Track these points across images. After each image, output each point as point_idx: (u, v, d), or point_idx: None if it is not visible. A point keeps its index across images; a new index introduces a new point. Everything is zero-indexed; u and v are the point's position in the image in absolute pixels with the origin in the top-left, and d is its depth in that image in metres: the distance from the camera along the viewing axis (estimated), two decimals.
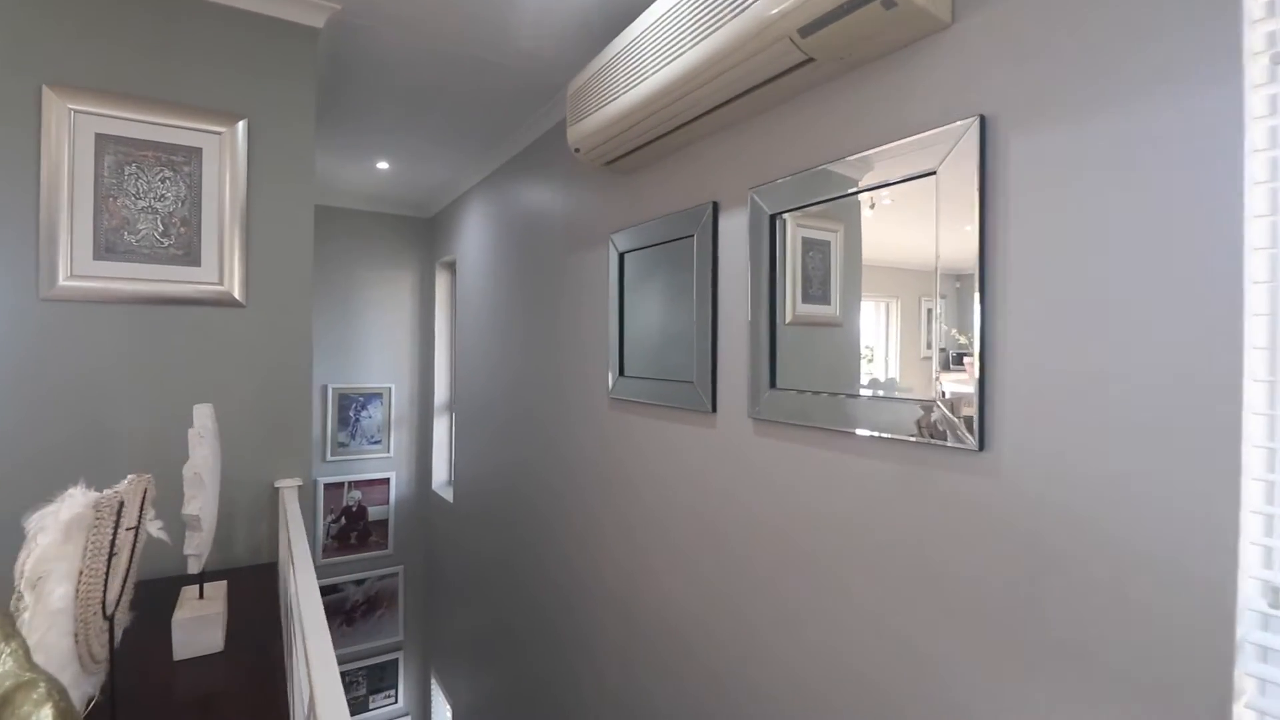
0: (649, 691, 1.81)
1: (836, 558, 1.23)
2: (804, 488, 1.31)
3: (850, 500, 1.21)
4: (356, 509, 4.22)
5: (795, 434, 1.34)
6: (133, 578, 0.93)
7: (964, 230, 1.02)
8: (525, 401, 2.73)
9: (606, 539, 2.04)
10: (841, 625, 1.22)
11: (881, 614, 1.14)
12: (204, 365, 1.65)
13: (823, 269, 1.32)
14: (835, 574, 1.23)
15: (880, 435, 1.14)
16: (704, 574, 1.60)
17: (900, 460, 1.12)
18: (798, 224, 1.37)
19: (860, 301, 1.22)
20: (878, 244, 1.19)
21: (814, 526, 1.28)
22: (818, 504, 1.28)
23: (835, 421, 1.23)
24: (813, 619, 1.28)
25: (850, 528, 1.21)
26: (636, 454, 1.89)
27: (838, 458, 1.24)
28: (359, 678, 4.20)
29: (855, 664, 1.19)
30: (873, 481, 1.17)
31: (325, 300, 4.09)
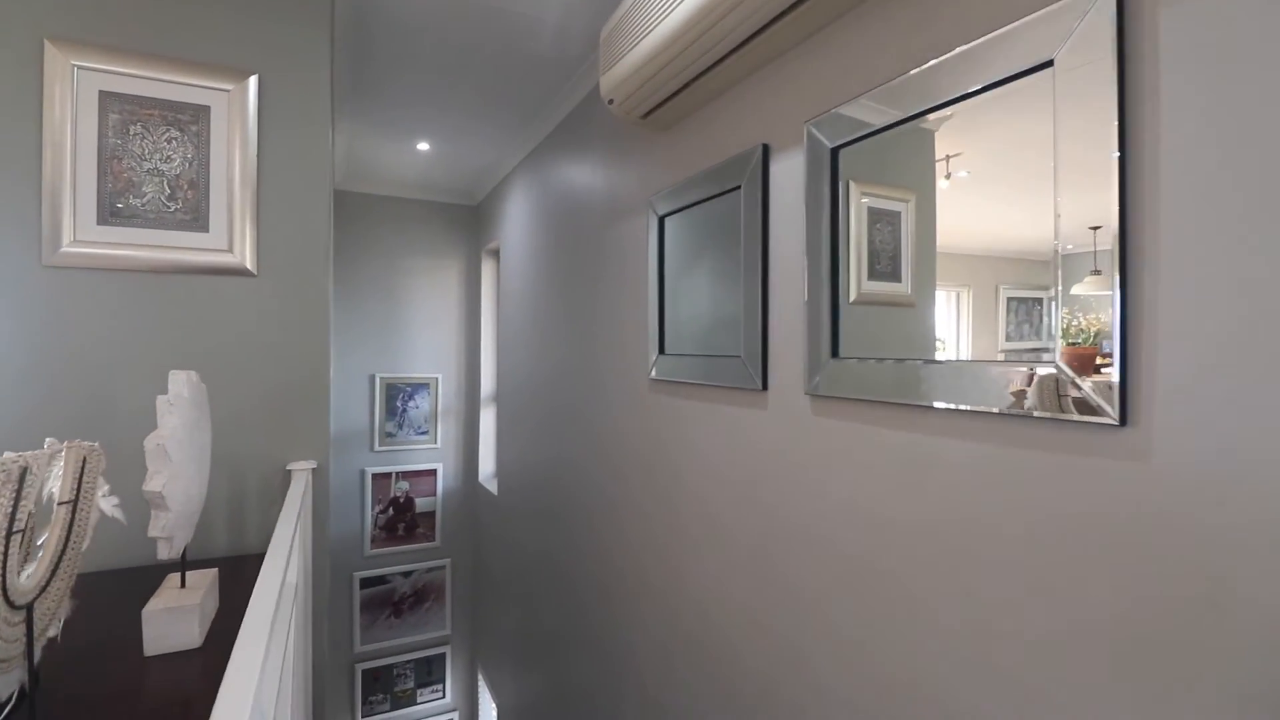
0: (692, 699, 1.60)
1: (912, 563, 0.99)
2: (873, 477, 1.08)
3: (931, 491, 0.97)
4: (404, 500, 4.18)
5: (863, 411, 1.11)
6: (72, 561, 0.79)
7: (1093, 150, 0.76)
8: (565, 390, 2.57)
9: (648, 534, 1.84)
10: (918, 649, 0.98)
11: (969, 637, 0.90)
12: (213, 338, 1.55)
13: (892, 243, 1.09)
14: (910, 584, 1.00)
15: (973, 409, 0.90)
16: (751, 574, 1.38)
17: (1001, 440, 0.87)
18: (863, 192, 1.14)
19: (935, 281, 0.99)
20: (952, 227, 0.97)
21: (884, 523, 1.05)
22: (889, 496, 1.04)
23: (913, 394, 0.99)
24: (880, 639, 1.04)
25: (931, 526, 0.97)
26: (678, 441, 1.69)
27: (916, 440, 1.00)
28: (407, 670, 4.16)
29: (940, 700, 0.95)
30: (962, 468, 0.92)
31: (372, 289, 4.06)
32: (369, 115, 2.76)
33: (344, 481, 3.99)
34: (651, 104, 1.62)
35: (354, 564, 4.02)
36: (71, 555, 0.79)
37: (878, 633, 1.06)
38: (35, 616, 0.71)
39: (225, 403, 1.54)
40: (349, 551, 4.01)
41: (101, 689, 0.91)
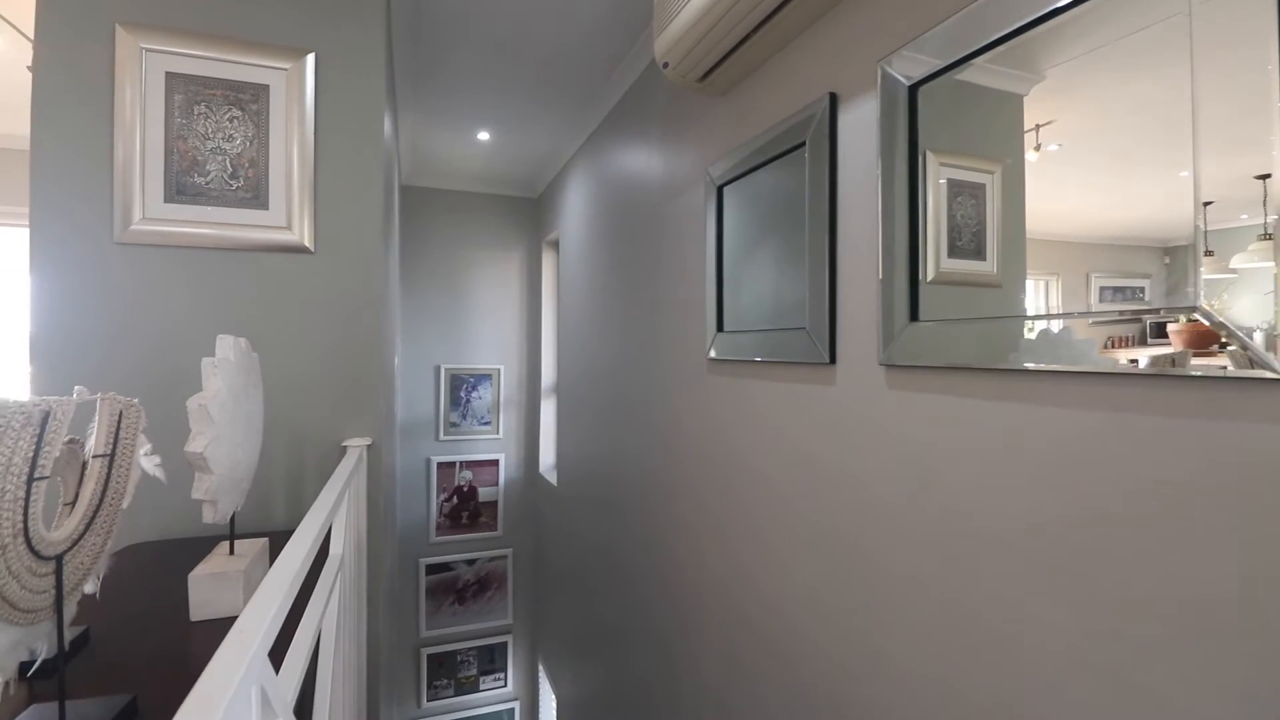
0: (757, 693, 1.50)
1: (1006, 549, 0.86)
2: (957, 453, 0.95)
3: (1029, 469, 0.83)
4: (468, 489, 4.24)
5: (946, 381, 0.98)
6: (109, 518, 0.78)
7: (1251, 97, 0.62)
8: (622, 379, 2.50)
9: (707, 523, 1.75)
10: (1015, 657, 0.84)
11: (1088, 638, 0.76)
12: (272, 314, 1.57)
13: (975, 219, 0.96)
14: (1003, 575, 0.86)
15: (1089, 371, 0.76)
16: (820, 562, 1.26)
17: (1134, 407, 0.73)
18: (942, 163, 1.01)
19: (1026, 258, 0.86)
20: (1040, 209, 0.84)
21: (972, 506, 0.91)
22: (978, 474, 0.91)
23: (1010, 357, 0.86)
24: (963, 638, 0.91)
25: (1028, 507, 0.83)
26: (738, 424, 1.59)
27: (1011, 411, 0.86)
28: (470, 657, 4.22)
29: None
30: (1069, 441, 0.78)
31: (437, 282, 4.14)
32: (429, 105, 2.79)
33: (410, 469, 4.09)
34: (708, 64, 1.52)
35: (420, 550, 4.10)
36: (108, 511, 0.78)
37: (960, 628, 0.92)
38: (66, 571, 0.70)
39: (284, 377, 1.55)
40: (415, 538, 4.10)
41: (146, 651, 0.90)
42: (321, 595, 0.93)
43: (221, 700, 0.41)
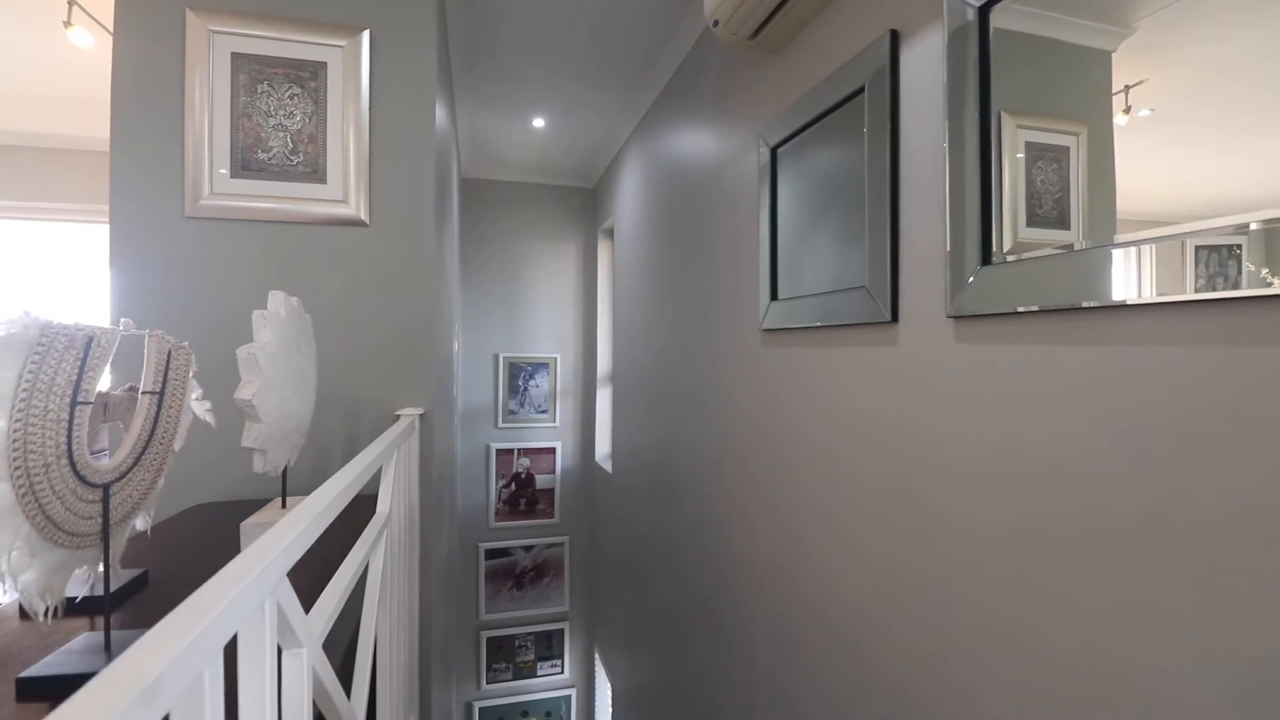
0: (818, 683, 1.42)
1: (1099, 514, 0.76)
2: (1039, 410, 0.85)
3: (1130, 422, 0.73)
4: (525, 476, 4.29)
5: (1024, 327, 0.88)
6: (159, 455, 0.80)
7: None
8: (675, 362, 2.45)
9: (761, 503, 1.68)
10: (1112, 642, 0.74)
11: (1213, 635, 0.66)
12: (330, 286, 1.61)
13: (1058, 184, 0.87)
14: (1100, 546, 0.76)
15: (1215, 297, 0.66)
16: (883, 540, 1.18)
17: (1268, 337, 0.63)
18: (1019, 125, 0.92)
19: (1115, 226, 0.77)
20: (1128, 180, 0.75)
21: (1058, 465, 0.82)
22: (1066, 433, 0.81)
23: (1105, 292, 0.76)
24: (1052, 622, 0.81)
25: (1131, 470, 0.73)
26: (793, 397, 1.51)
27: (1106, 355, 0.76)
28: (527, 643, 4.27)
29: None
30: (1186, 387, 0.68)
31: (496, 272, 4.21)
32: (484, 91, 2.82)
33: (470, 455, 4.17)
34: (759, 18, 1.45)
35: (479, 535, 4.18)
36: (158, 450, 0.80)
37: (1047, 612, 0.83)
38: (114, 502, 0.71)
39: (340, 348, 1.59)
40: (475, 523, 4.18)
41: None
42: (364, 547, 0.93)
43: (221, 601, 0.39)
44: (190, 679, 0.35)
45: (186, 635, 0.34)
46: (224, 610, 0.39)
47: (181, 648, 0.33)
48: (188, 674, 0.34)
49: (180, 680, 0.33)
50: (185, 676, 0.34)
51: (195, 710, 0.37)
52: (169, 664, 0.31)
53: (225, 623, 0.39)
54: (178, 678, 0.32)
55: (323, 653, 0.66)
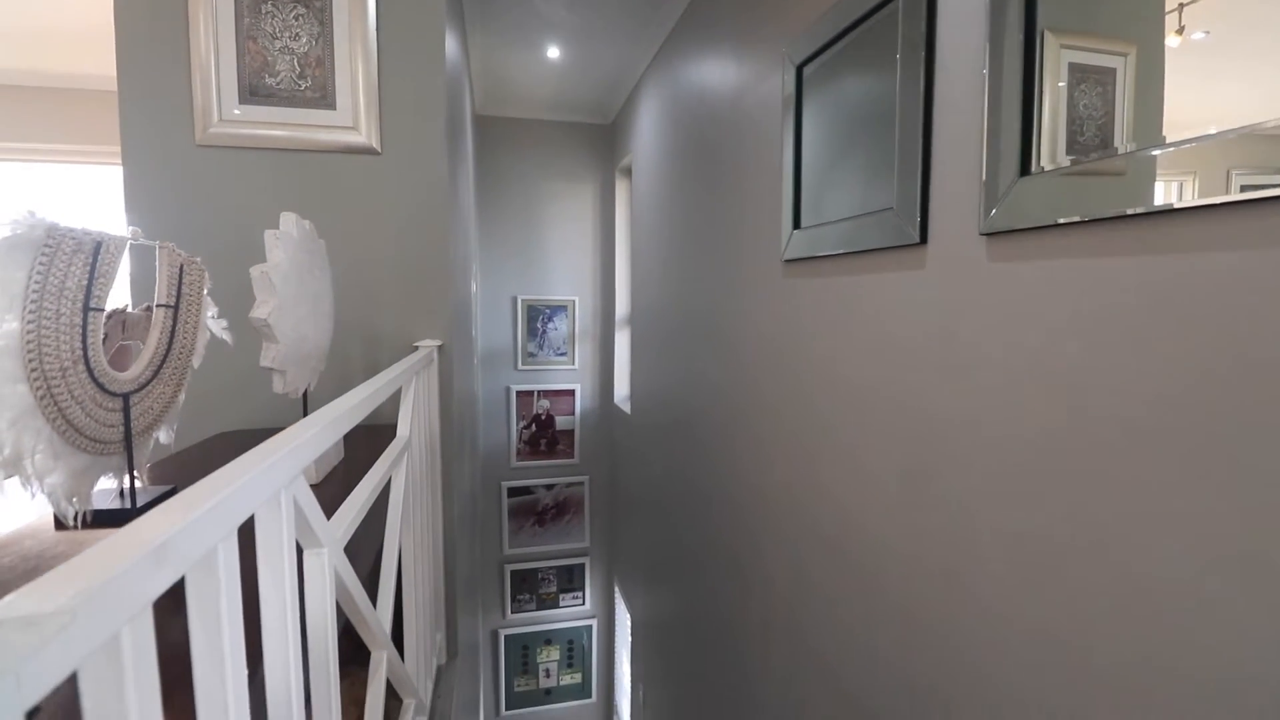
0: (830, 610, 1.45)
1: (1154, 453, 0.73)
2: (1077, 329, 0.81)
3: (1181, 339, 0.69)
4: (545, 417, 4.34)
5: (1065, 241, 0.83)
6: (178, 370, 0.80)
7: None
8: (693, 300, 2.42)
9: (781, 436, 1.67)
10: (1137, 604, 0.73)
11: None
12: (344, 216, 1.59)
13: (1102, 110, 0.80)
14: (1151, 480, 0.74)
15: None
16: (900, 472, 1.17)
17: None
18: (1063, 44, 0.84)
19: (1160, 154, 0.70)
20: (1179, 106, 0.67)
21: (1105, 390, 0.79)
22: (1104, 352, 0.77)
23: (1159, 198, 0.71)
24: (1075, 570, 0.80)
25: (1184, 395, 0.70)
26: (815, 329, 1.48)
27: (1155, 265, 0.72)
28: (550, 575, 4.41)
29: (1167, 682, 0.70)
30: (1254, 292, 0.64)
31: (513, 213, 4.15)
32: (496, 17, 2.70)
33: (491, 396, 4.22)
34: None
35: (501, 474, 4.28)
36: (176, 364, 0.80)
37: (1075, 533, 0.81)
38: (135, 413, 0.72)
39: (356, 278, 1.59)
40: (497, 462, 4.27)
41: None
42: (384, 464, 0.94)
43: (234, 482, 0.39)
44: (202, 551, 0.35)
45: (197, 508, 0.34)
46: (236, 490, 0.39)
47: (191, 517, 0.33)
48: (199, 545, 0.34)
49: (190, 550, 0.33)
50: (196, 547, 0.34)
51: (211, 585, 0.37)
52: (178, 530, 0.31)
53: (238, 502, 0.39)
54: (188, 546, 0.32)
55: (344, 556, 0.67)
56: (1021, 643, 0.89)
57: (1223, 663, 0.64)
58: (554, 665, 4.45)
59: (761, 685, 1.81)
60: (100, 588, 0.25)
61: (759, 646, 1.82)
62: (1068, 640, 0.82)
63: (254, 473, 0.42)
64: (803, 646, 1.55)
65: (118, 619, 0.27)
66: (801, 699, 1.56)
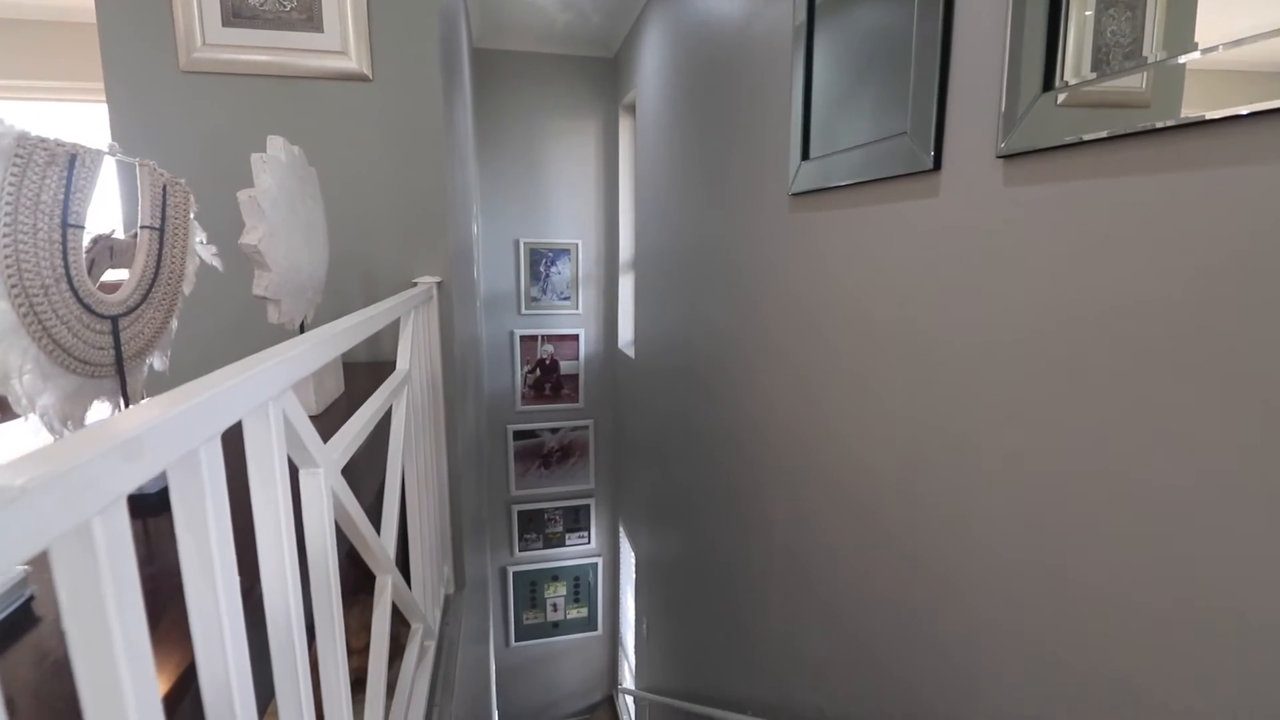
0: (829, 545, 1.47)
1: (1182, 385, 0.71)
2: (1102, 254, 0.78)
3: (1210, 252, 0.66)
4: (549, 361, 4.35)
5: (1090, 160, 0.79)
6: (168, 295, 0.79)
7: None
8: (698, 241, 2.36)
9: (784, 373, 1.66)
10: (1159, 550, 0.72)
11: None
12: (337, 147, 1.54)
13: (1130, 38, 0.73)
14: (1177, 415, 0.72)
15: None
16: (902, 402, 1.15)
17: None
18: None
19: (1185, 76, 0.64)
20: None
21: (1131, 317, 0.76)
22: (1132, 276, 0.75)
23: (1193, 109, 0.67)
24: (1086, 508, 0.79)
25: (1222, 324, 0.67)
26: (822, 263, 1.44)
27: (1187, 183, 0.68)
28: (556, 516, 4.51)
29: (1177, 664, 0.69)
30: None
31: (513, 153, 4.04)
32: None
33: (495, 341, 4.22)
34: None
35: (507, 418, 4.31)
36: (166, 289, 0.78)
37: (1086, 463, 0.80)
38: (125, 336, 0.71)
39: (351, 211, 1.55)
40: (502, 406, 4.30)
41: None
42: (383, 393, 0.93)
43: (215, 385, 0.38)
44: (181, 451, 0.34)
45: (175, 406, 0.33)
46: (219, 393, 0.37)
47: (166, 414, 0.32)
48: (177, 445, 0.33)
49: (167, 448, 0.32)
50: (174, 446, 0.33)
51: (195, 489, 0.36)
52: (149, 426, 0.30)
53: (220, 406, 0.38)
54: (163, 443, 0.31)
55: (342, 479, 0.67)
56: (1015, 575, 0.90)
57: (1226, 589, 0.63)
58: (561, 600, 4.61)
59: (760, 619, 1.86)
60: (65, 473, 0.24)
61: (758, 582, 1.87)
62: (1070, 576, 0.82)
63: (239, 379, 0.41)
64: (801, 582, 1.58)
65: (86, 507, 0.26)
66: (799, 632, 1.61)
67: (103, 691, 0.27)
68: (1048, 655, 0.85)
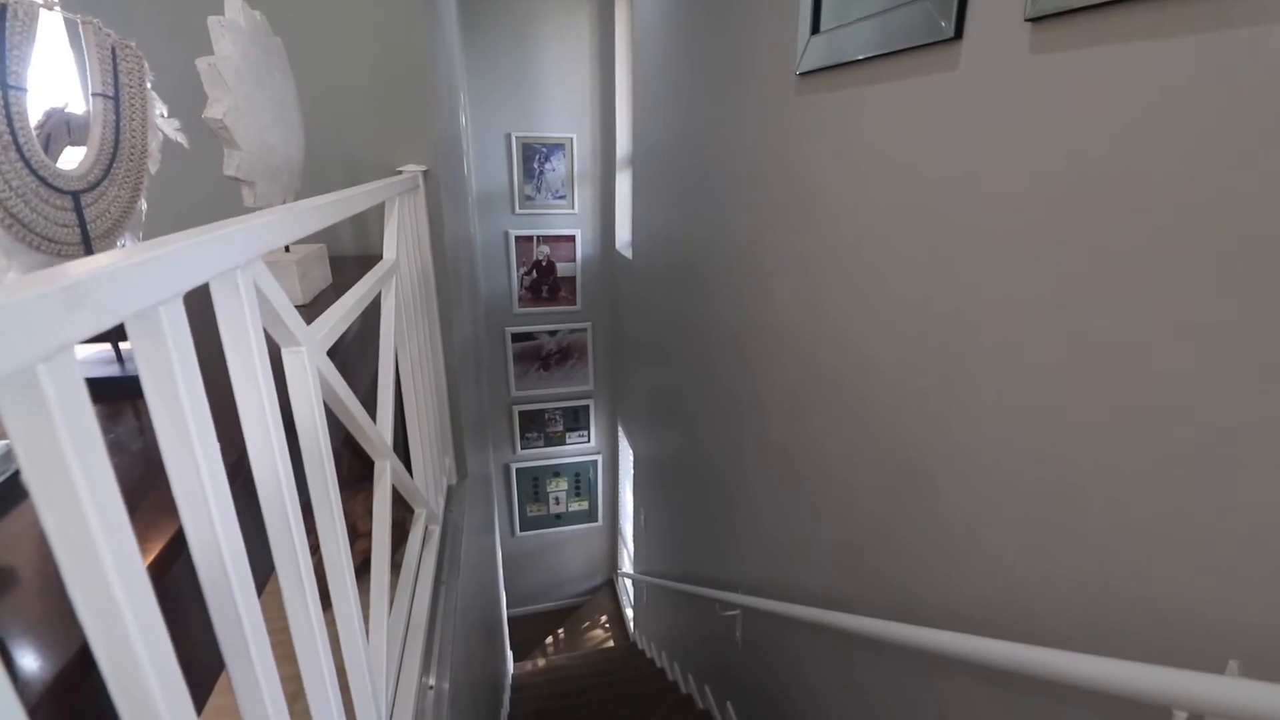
0: (823, 441, 1.49)
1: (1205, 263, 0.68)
2: (1141, 123, 0.73)
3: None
4: (546, 263, 4.27)
5: (1137, 21, 0.72)
6: (131, 172, 0.74)
7: None
8: (698, 134, 2.23)
9: (785, 267, 1.62)
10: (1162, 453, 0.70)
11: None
12: (306, 31, 1.41)
13: None
14: (1194, 300, 0.69)
15: None
16: (910, 290, 1.13)
17: None
18: None
19: None
20: None
21: (1155, 188, 0.72)
22: (1177, 150, 0.70)
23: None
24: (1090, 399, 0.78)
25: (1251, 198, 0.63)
26: (830, 146, 1.37)
27: (1232, 41, 0.62)
28: (556, 416, 4.61)
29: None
30: None
31: (501, 40, 3.76)
32: None
33: (489, 241, 4.12)
34: None
35: (505, 320, 4.30)
36: (129, 164, 0.73)
37: (1077, 378, 0.79)
38: (90, 215, 0.67)
39: (328, 96, 1.45)
40: (500, 308, 4.27)
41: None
42: (370, 280, 0.90)
43: (175, 242, 0.35)
44: (135, 307, 0.32)
45: (126, 259, 0.30)
46: (177, 250, 0.35)
47: (115, 263, 0.29)
48: (130, 298, 0.31)
49: (117, 300, 0.29)
50: (126, 299, 0.30)
51: (159, 351, 0.35)
52: (93, 274, 0.28)
53: (180, 265, 0.35)
54: (112, 294, 0.29)
55: (328, 360, 0.66)
56: (1000, 473, 0.91)
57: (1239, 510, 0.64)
58: (563, 494, 4.80)
59: (751, 509, 1.94)
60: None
61: (751, 476, 1.92)
62: (1059, 477, 0.83)
63: (201, 238, 0.38)
64: (791, 475, 1.62)
65: (25, 352, 0.24)
66: (787, 521, 1.67)
67: (73, 543, 0.27)
68: (1027, 547, 0.88)
